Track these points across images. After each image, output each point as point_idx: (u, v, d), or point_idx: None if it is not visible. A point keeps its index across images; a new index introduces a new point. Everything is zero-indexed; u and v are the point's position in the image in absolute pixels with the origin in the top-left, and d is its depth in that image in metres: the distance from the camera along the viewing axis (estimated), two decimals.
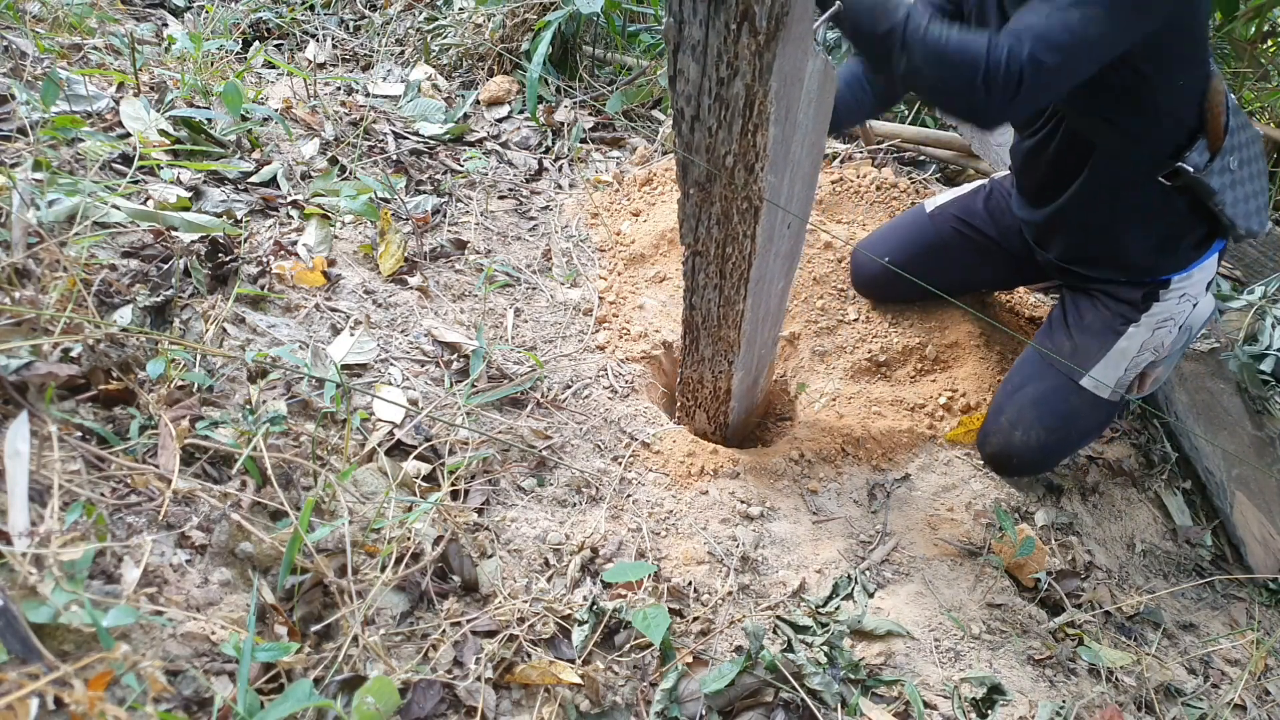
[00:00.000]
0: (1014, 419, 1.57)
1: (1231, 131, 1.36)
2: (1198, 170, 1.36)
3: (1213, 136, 1.35)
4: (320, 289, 1.53)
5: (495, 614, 1.08)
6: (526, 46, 2.64)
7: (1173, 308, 1.54)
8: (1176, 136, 1.37)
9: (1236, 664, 1.45)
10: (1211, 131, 1.35)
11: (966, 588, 1.39)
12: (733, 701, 1.08)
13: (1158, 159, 1.38)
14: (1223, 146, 1.35)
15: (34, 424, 0.92)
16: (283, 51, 2.77)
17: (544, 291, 1.83)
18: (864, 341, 1.86)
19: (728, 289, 1.27)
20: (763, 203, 1.11)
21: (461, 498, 1.25)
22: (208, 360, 1.19)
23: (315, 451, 1.15)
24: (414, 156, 2.17)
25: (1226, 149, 1.36)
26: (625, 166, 2.43)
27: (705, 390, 1.51)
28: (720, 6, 0.91)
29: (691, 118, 1.06)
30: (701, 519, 1.36)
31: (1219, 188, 1.38)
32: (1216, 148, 1.36)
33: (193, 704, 0.82)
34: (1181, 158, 1.36)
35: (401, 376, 1.41)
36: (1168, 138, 1.37)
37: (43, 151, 1.43)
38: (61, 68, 1.84)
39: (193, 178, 1.63)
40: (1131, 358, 1.55)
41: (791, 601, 1.26)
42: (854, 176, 2.26)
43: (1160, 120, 1.35)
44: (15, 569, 0.77)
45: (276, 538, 0.99)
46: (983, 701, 1.16)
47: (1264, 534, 1.70)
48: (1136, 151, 1.39)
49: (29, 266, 1.13)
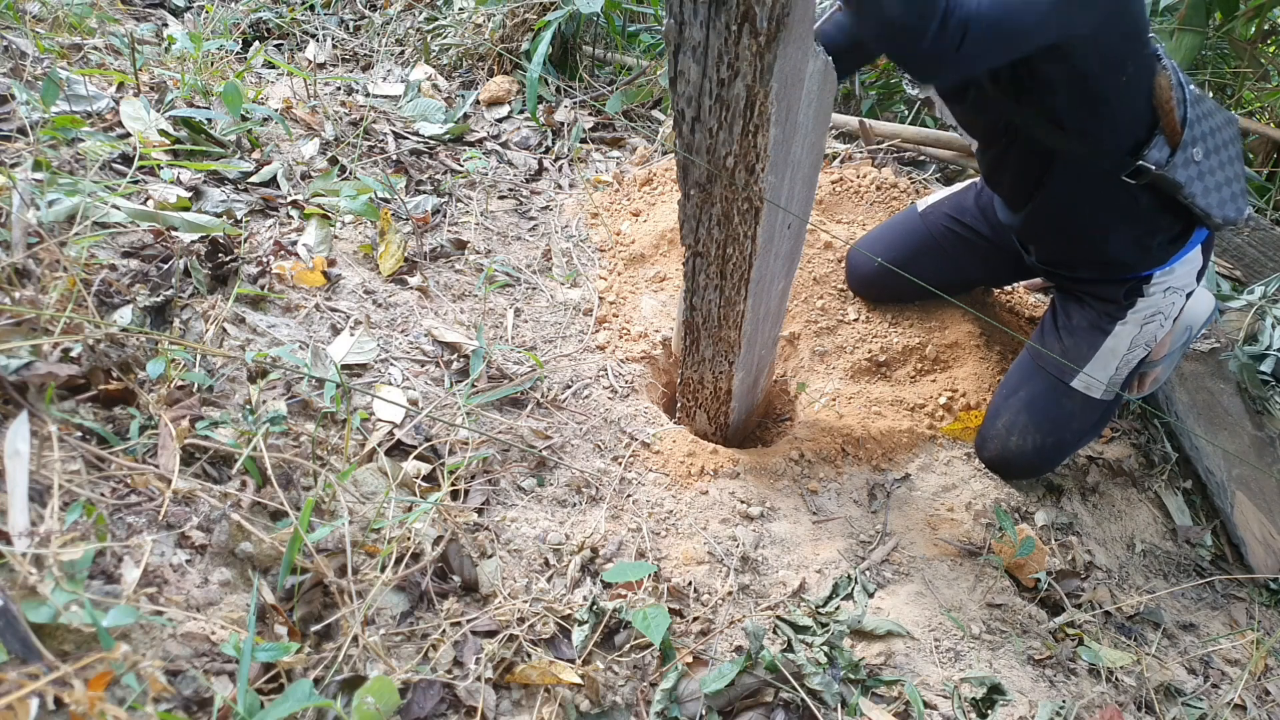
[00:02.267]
0: (1009, 424, 1.59)
1: (1190, 123, 1.35)
2: (1160, 166, 1.35)
3: (1169, 131, 1.35)
4: (320, 289, 1.53)
5: (495, 614, 1.08)
6: (526, 46, 2.64)
7: (1159, 302, 1.54)
8: (1133, 134, 1.36)
9: (1236, 664, 1.45)
10: (1167, 126, 1.34)
11: (966, 588, 1.39)
12: (733, 701, 1.08)
13: (1118, 159, 1.38)
14: (1182, 139, 1.35)
15: (34, 424, 0.92)
16: (283, 51, 2.77)
17: (544, 291, 1.83)
18: (864, 341, 1.86)
19: (728, 289, 1.27)
20: (763, 203, 1.11)
21: (461, 498, 1.26)
22: (208, 360, 1.19)
23: (315, 451, 1.15)
24: (414, 156, 2.17)
25: (1187, 141, 1.35)
26: (625, 166, 2.43)
27: (706, 391, 1.51)
28: (721, 8, 0.91)
29: (692, 119, 1.06)
30: (701, 519, 1.36)
31: (1185, 180, 1.37)
32: (1175, 141, 1.35)
33: (193, 704, 0.82)
34: (1141, 155, 1.35)
35: (401, 376, 1.41)
36: (1123, 136, 1.36)
37: (43, 151, 1.43)
38: (61, 68, 1.84)
39: (193, 178, 1.63)
40: (1122, 355, 1.56)
41: (791, 601, 1.26)
42: (854, 176, 2.26)
43: (1111, 119, 1.35)
44: (15, 569, 0.77)
45: (276, 538, 0.99)
46: (983, 701, 1.16)
47: (1264, 534, 1.70)
48: (1095, 153, 1.39)
49: (29, 266, 1.13)
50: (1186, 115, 1.34)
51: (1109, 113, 1.33)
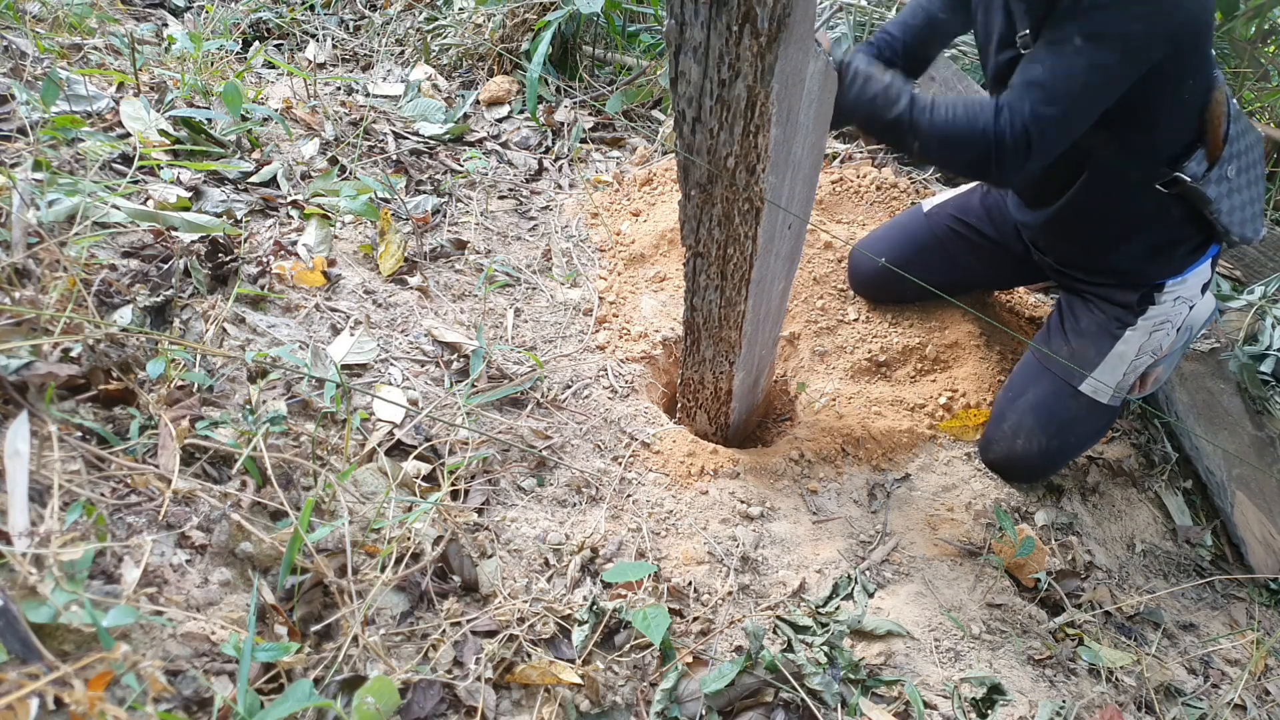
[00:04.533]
0: (1015, 426, 1.58)
1: (1231, 140, 1.36)
2: (1195, 180, 1.36)
3: (1212, 146, 1.35)
4: (320, 289, 1.52)
5: (495, 614, 1.08)
6: (526, 46, 2.64)
7: (1168, 310, 1.54)
8: (1174, 146, 1.37)
9: (1236, 664, 1.45)
10: (1211, 142, 1.35)
11: (966, 588, 1.39)
12: (733, 701, 1.08)
13: (1155, 168, 1.38)
14: (1221, 156, 1.35)
15: (34, 424, 0.92)
16: (283, 51, 2.77)
17: (544, 291, 1.83)
18: (864, 341, 1.86)
19: (729, 290, 1.27)
20: (764, 204, 1.11)
21: (461, 498, 1.25)
22: (208, 360, 1.19)
23: (315, 451, 1.15)
24: (414, 156, 2.17)
25: (1225, 158, 1.36)
26: (625, 166, 2.42)
27: (706, 391, 1.51)
28: (722, 8, 0.91)
29: (693, 119, 1.06)
30: (701, 519, 1.36)
31: (1215, 196, 1.38)
32: (1215, 157, 1.36)
33: (193, 704, 0.82)
34: (1179, 167, 1.36)
35: (401, 376, 1.41)
36: (1166, 148, 1.37)
37: (43, 151, 1.43)
38: (61, 68, 1.84)
39: (193, 178, 1.63)
40: (1130, 361, 1.55)
41: (791, 601, 1.26)
42: (854, 176, 2.26)
43: (1159, 132, 1.35)
44: (15, 569, 0.77)
45: (276, 538, 0.99)
46: (983, 701, 1.16)
47: (1265, 534, 1.70)
48: (1134, 160, 1.39)
49: (29, 266, 1.13)
50: (1229, 132, 1.35)
51: (1160, 123, 1.34)
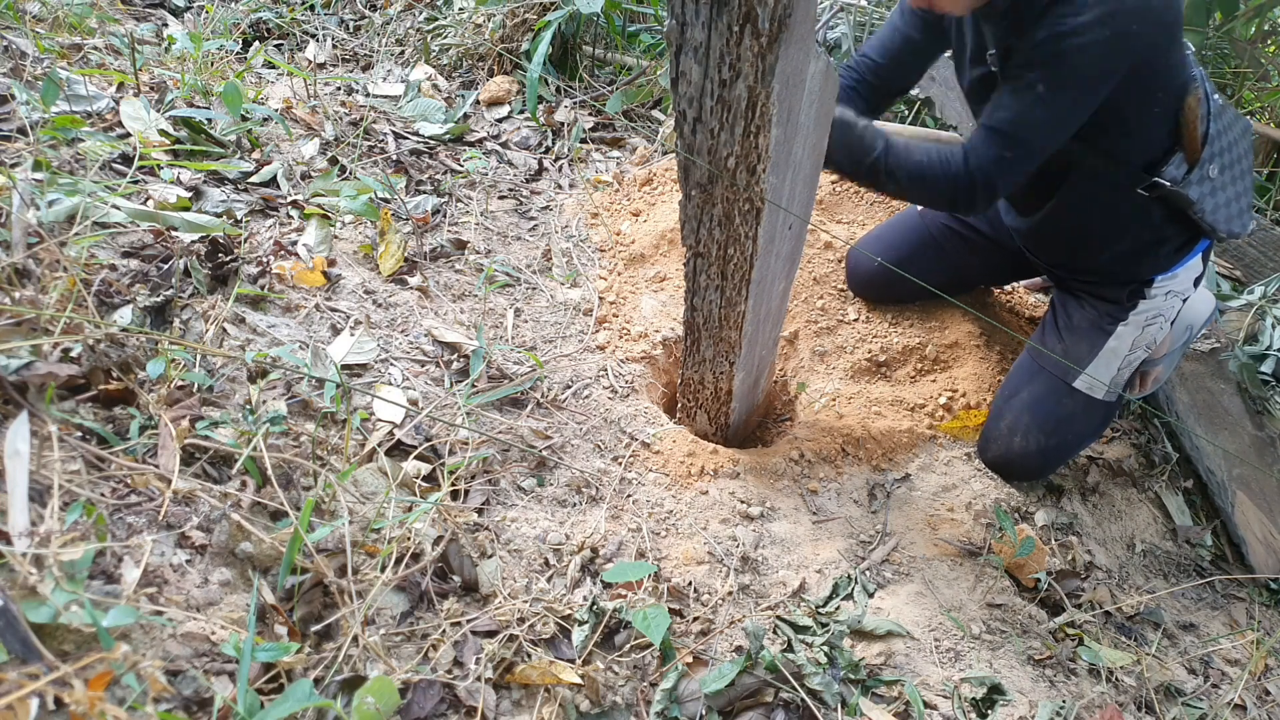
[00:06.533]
0: (1012, 424, 1.59)
1: (1211, 139, 1.37)
2: (1175, 183, 1.37)
3: (1190, 149, 1.37)
4: (320, 289, 1.52)
5: (495, 614, 1.08)
6: (526, 46, 2.64)
7: (1160, 304, 1.55)
8: (1151, 153, 1.38)
9: (1236, 664, 1.45)
10: (1189, 145, 1.36)
11: (966, 588, 1.39)
12: (733, 701, 1.08)
13: (1134, 174, 1.40)
14: (1201, 157, 1.37)
15: (34, 424, 0.92)
16: (283, 51, 2.77)
17: (544, 291, 1.83)
18: (864, 341, 1.86)
19: (729, 290, 1.27)
20: (764, 204, 1.11)
21: (461, 498, 1.25)
22: (208, 360, 1.19)
23: (315, 451, 1.15)
24: (414, 156, 2.16)
25: (1205, 159, 1.37)
26: (625, 166, 2.42)
27: (706, 391, 1.51)
28: (723, 8, 0.91)
29: (694, 119, 1.06)
30: (701, 519, 1.36)
31: (1198, 197, 1.39)
32: (1194, 159, 1.37)
33: (193, 704, 0.82)
34: (1157, 172, 1.37)
35: (401, 376, 1.41)
36: (1142, 154, 1.39)
37: (43, 151, 1.43)
38: (61, 68, 1.84)
39: (193, 178, 1.63)
40: (1124, 356, 1.56)
41: (791, 601, 1.26)
42: None
43: (1135, 139, 1.37)
44: (15, 569, 0.77)
45: (276, 538, 0.99)
46: (983, 701, 1.16)
47: (1265, 533, 1.70)
48: (1113, 168, 1.41)
49: (29, 266, 1.13)
50: (1208, 132, 1.36)
51: (1134, 132, 1.35)
